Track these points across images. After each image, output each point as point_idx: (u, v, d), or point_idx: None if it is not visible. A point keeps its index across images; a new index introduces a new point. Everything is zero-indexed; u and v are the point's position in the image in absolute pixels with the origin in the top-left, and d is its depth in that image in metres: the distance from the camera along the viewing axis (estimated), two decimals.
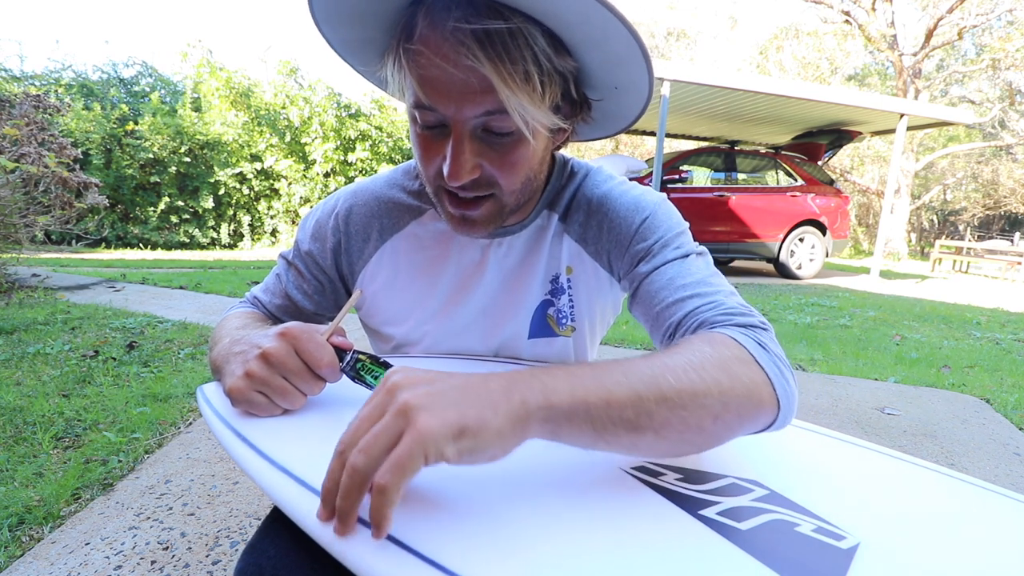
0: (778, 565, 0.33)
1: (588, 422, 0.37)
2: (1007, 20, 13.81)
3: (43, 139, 4.00)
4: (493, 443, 0.33)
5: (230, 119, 8.47)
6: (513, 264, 0.69)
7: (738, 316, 0.52)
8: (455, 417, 0.32)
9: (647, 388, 0.39)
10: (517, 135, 0.53)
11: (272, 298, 0.72)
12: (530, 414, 0.35)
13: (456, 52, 0.47)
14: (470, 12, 0.46)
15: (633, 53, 0.49)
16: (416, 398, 0.32)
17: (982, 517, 0.44)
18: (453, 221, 0.60)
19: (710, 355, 0.43)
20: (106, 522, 1.22)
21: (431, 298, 0.70)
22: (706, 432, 0.41)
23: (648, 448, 0.40)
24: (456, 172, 0.52)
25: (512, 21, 0.46)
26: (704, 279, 0.58)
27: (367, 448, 0.31)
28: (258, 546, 0.43)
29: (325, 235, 0.69)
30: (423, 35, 0.48)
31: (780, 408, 0.45)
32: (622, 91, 0.56)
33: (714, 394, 0.41)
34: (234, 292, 4.05)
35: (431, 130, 0.54)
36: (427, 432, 0.31)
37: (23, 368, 2.11)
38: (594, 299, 0.71)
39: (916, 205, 18.31)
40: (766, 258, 6.67)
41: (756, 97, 6.14)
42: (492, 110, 0.50)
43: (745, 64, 20.78)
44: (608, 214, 0.66)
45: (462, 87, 0.49)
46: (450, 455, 0.32)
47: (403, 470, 0.30)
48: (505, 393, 0.35)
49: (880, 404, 2.27)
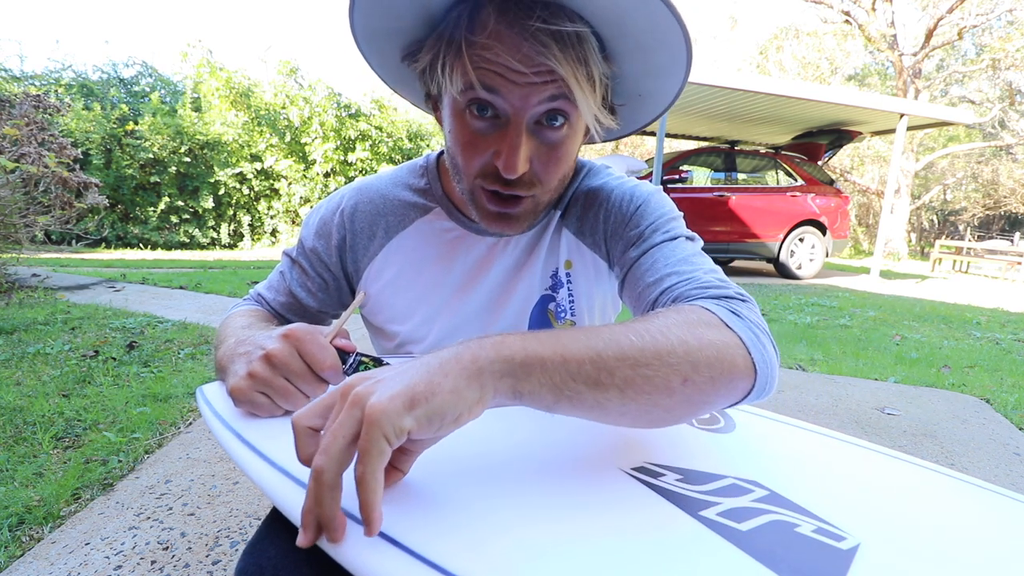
0: (778, 566, 0.33)
1: (546, 376, 0.36)
2: (1007, 20, 13.81)
3: (43, 139, 4.00)
4: (450, 403, 0.33)
5: (230, 119, 8.46)
6: (515, 261, 0.70)
7: (712, 289, 0.52)
8: (402, 389, 0.32)
9: (606, 345, 0.38)
10: (565, 132, 0.55)
11: (276, 296, 0.72)
12: (482, 368, 0.34)
13: (535, 50, 0.49)
14: (547, 13, 0.48)
15: (677, 62, 0.52)
16: (364, 388, 0.32)
17: (982, 517, 0.44)
18: (488, 218, 0.60)
19: (675, 319, 0.43)
20: (106, 522, 1.22)
21: (435, 296, 0.70)
22: (676, 394, 0.39)
23: (617, 411, 0.39)
24: (513, 164, 0.53)
25: (579, 25, 0.49)
26: (686, 258, 0.58)
27: (326, 448, 0.31)
28: (258, 546, 0.43)
29: (330, 232, 0.69)
30: (496, 30, 0.49)
31: (757, 373, 0.44)
32: (645, 98, 0.58)
33: (679, 353, 0.39)
34: (234, 292, 4.05)
35: (483, 123, 0.54)
36: (378, 411, 0.30)
37: (23, 368, 2.11)
38: (594, 292, 0.72)
39: (916, 205, 18.31)
40: (766, 258, 6.67)
41: (756, 97, 6.14)
42: (555, 95, 0.51)
43: (745, 64, 20.78)
44: (604, 204, 0.66)
45: (528, 80, 0.50)
46: (409, 425, 0.31)
47: (369, 456, 0.30)
48: (454, 355, 0.35)
49: (880, 404, 2.27)
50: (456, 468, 0.40)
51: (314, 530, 0.31)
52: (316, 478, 0.31)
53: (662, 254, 0.60)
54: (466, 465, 0.41)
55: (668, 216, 0.64)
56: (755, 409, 0.62)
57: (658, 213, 0.64)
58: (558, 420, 0.50)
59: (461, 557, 0.31)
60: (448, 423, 0.33)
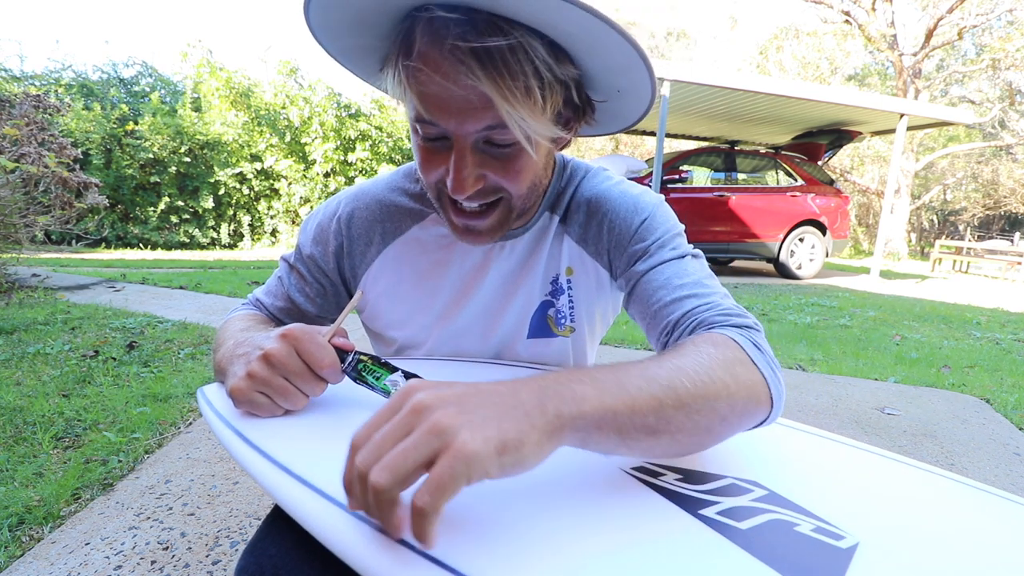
0: (778, 564, 0.33)
1: (615, 430, 0.37)
2: (1007, 20, 13.81)
3: (43, 139, 4.01)
4: (533, 456, 0.33)
5: (230, 119, 8.47)
6: (514, 266, 0.70)
7: (735, 317, 0.54)
8: (495, 434, 0.31)
9: (666, 394, 0.39)
10: (519, 146, 0.53)
11: (274, 301, 0.72)
12: (564, 425, 0.35)
13: (455, 70, 0.47)
14: (468, 29, 0.46)
15: (634, 61, 0.50)
16: (449, 417, 0.31)
17: (979, 518, 0.44)
18: (457, 231, 0.60)
19: (716, 357, 0.45)
20: (106, 522, 1.22)
21: (434, 301, 0.70)
22: (713, 433, 0.43)
23: (661, 450, 0.41)
24: (460, 185, 0.53)
25: (512, 36, 0.46)
26: (700, 280, 0.60)
27: (393, 466, 0.30)
28: (259, 545, 0.43)
29: (327, 238, 0.70)
30: (422, 52, 0.49)
31: (773, 406, 0.47)
32: (625, 94, 0.56)
33: (723, 397, 0.42)
34: (234, 292, 4.05)
35: (433, 142, 0.54)
36: (471, 453, 0.29)
37: (23, 368, 2.11)
38: (594, 300, 0.72)
39: (916, 205, 18.31)
40: (766, 258, 6.67)
41: (756, 97, 6.14)
42: (493, 124, 0.50)
43: (745, 64, 20.78)
44: (608, 214, 0.66)
45: (462, 103, 0.49)
46: (494, 473, 0.31)
47: (444, 491, 0.29)
48: (539, 404, 0.34)
49: (880, 404, 2.27)
50: None
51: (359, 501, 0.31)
52: (375, 493, 0.30)
53: (673, 272, 0.60)
54: None
55: (673, 232, 0.65)
56: None
57: (664, 228, 0.65)
58: None
59: (462, 555, 0.31)
60: (520, 472, 0.33)
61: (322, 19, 0.51)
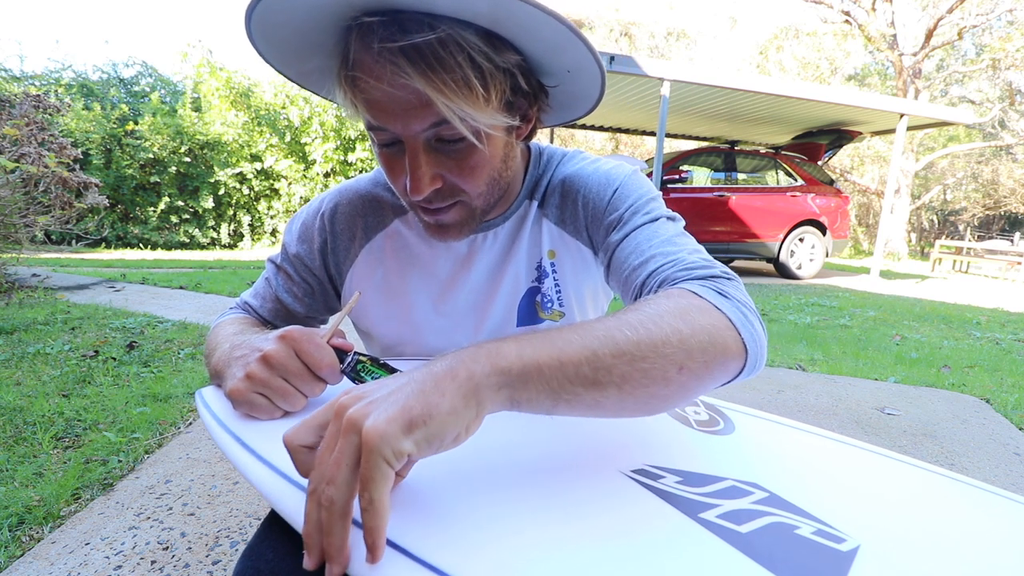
0: (778, 568, 0.33)
1: (543, 383, 0.36)
2: (1007, 20, 13.80)
3: (43, 139, 4.00)
4: (449, 423, 0.32)
5: (230, 119, 8.46)
6: (497, 255, 0.69)
7: (698, 269, 0.52)
8: (398, 412, 0.31)
9: (601, 343, 0.38)
10: (469, 141, 0.53)
11: (263, 302, 0.72)
12: (479, 385, 0.34)
13: (388, 71, 0.47)
14: (395, 30, 0.46)
15: (568, 38, 0.49)
16: (358, 411, 0.31)
17: (982, 519, 0.44)
18: (430, 230, 0.61)
19: (667, 307, 0.43)
20: (106, 522, 1.22)
21: (421, 296, 0.70)
22: (673, 383, 0.40)
23: (615, 405, 0.39)
24: (417, 186, 0.53)
25: (439, 29, 0.45)
26: (669, 239, 0.58)
27: (332, 478, 0.30)
28: (256, 550, 0.43)
29: (312, 236, 0.69)
30: (356, 59, 0.49)
31: (748, 353, 0.44)
32: (576, 73, 0.55)
33: (673, 343, 0.39)
34: (234, 292, 4.05)
35: (389, 148, 0.54)
36: (376, 436, 0.30)
37: (23, 368, 2.11)
38: (581, 280, 0.71)
39: (916, 205, 18.30)
40: (766, 258, 6.67)
41: (756, 97, 6.14)
42: (437, 121, 0.50)
43: (745, 64, 20.77)
44: (581, 191, 0.66)
45: (403, 104, 0.49)
46: (409, 449, 0.31)
47: (373, 483, 0.29)
48: (449, 371, 0.34)
49: (880, 404, 2.27)
50: (455, 471, 0.40)
51: (319, 555, 0.31)
52: (328, 508, 0.30)
53: (644, 236, 0.59)
54: (465, 468, 0.41)
55: (647, 197, 0.64)
56: (754, 410, 0.62)
57: (636, 195, 0.63)
58: (558, 422, 0.50)
59: (461, 560, 0.31)
60: (447, 444, 0.33)
61: (267, 46, 0.51)
